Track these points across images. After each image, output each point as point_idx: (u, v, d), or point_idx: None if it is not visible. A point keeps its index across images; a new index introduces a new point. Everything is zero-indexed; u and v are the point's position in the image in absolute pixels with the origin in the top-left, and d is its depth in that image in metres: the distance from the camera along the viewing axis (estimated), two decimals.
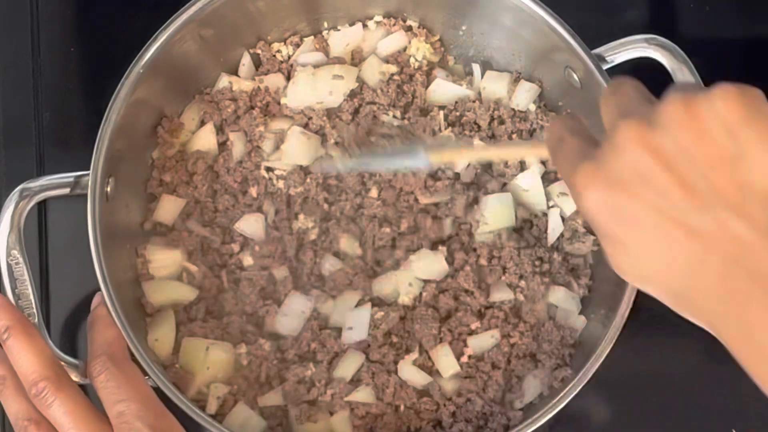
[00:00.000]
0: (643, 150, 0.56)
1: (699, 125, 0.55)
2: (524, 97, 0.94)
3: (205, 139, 0.93)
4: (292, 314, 0.89)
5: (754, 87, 0.57)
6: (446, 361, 0.88)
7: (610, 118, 0.61)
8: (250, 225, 0.91)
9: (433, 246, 0.91)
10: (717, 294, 0.56)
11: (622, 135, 0.57)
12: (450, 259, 0.90)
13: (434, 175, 0.92)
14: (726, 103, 0.55)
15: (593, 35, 0.86)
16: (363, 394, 0.86)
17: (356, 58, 0.96)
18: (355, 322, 0.88)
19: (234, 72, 0.96)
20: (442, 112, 0.94)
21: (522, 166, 0.92)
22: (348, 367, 0.87)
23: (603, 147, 0.59)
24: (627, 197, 0.57)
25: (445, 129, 0.93)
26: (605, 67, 0.85)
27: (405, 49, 0.96)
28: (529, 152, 0.83)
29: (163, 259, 0.90)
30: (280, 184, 0.91)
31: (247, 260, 0.90)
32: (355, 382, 0.87)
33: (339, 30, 0.97)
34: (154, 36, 0.85)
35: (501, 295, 0.89)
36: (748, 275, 0.54)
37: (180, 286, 0.89)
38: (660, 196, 0.56)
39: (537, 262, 0.90)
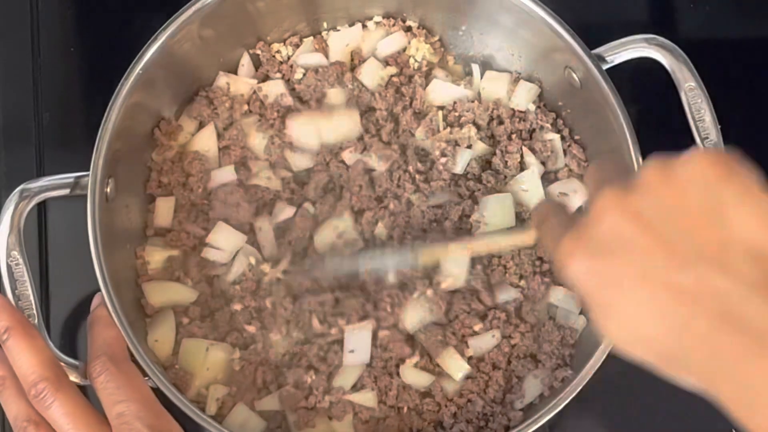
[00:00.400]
0: (621, 214, 0.57)
1: (677, 185, 0.56)
2: (524, 97, 0.94)
3: (206, 141, 0.93)
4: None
5: (724, 150, 0.58)
6: (455, 365, 0.87)
7: (591, 190, 0.63)
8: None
9: None
10: (709, 352, 0.55)
11: (601, 203, 0.58)
12: None
13: (427, 178, 0.92)
14: (703, 164, 0.56)
15: (593, 35, 0.86)
16: (365, 398, 0.86)
17: (356, 59, 0.96)
18: (357, 344, 0.87)
19: (234, 73, 0.96)
20: (440, 113, 0.94)
21: (522, 167, 0.92)
22: (347, 378, 0.87)
23: (584, 218, 0.60)
24: (609, 262, 0.57)
25: (444, 129, 0.93)
26: (605, 67, 0.85)
27: (405, 49, 0.96)
28: (517, 240, 0.83)
29: (161, 260, 0.90)
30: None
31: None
32: (358, 388, 0.87)
33: (339, 30, 0.97)
34: (153, 36, 0.85)
35: (506, 295, 0.89)
36: (738, 330, 0.54)
37: (180, 288, 0.89)
38: (642, 258, 0.56)
39: (537, 262, 0.90)
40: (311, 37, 0.96)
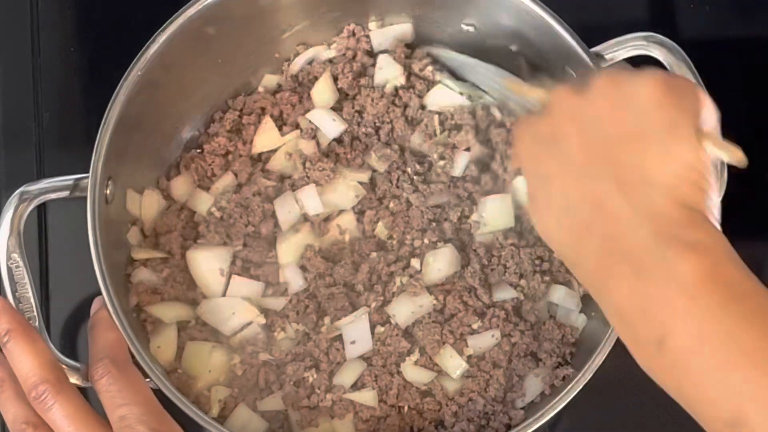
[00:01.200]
0: (564, 113, 0.61)
1: (618, 99, 0.59)
2: None
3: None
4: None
5: (684, 78, 0.61)
6: (453, 362, 0.87)
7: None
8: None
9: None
10: (594, 267, 0.59)
11: (553, 98, 0.63)
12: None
13: (425, 179, 0.92)
14: (647, 84, 0.58)
15: (593, 35, 0.86)
16: (366, 397, 0.86)
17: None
18: (357, 335, 0.87)
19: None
20: (437, 117, 0.93)
21: (520, 170, 0.92)
22: (348, 375, 0.87)
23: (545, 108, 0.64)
24: (542, 152, 0.62)
25: (441, 133, 0.93)
26: (604, 65, 0.84)
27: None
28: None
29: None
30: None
31: None
32: (358, 387, 0.87)
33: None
34: (153, 37, 0.85)
35: (504, 294, 0.89)
36: (619, 253, 0.57)
37: (180, 306, 0.89)
38: (566, 157, 0.60)
39: (537, 261, 0.90)
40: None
